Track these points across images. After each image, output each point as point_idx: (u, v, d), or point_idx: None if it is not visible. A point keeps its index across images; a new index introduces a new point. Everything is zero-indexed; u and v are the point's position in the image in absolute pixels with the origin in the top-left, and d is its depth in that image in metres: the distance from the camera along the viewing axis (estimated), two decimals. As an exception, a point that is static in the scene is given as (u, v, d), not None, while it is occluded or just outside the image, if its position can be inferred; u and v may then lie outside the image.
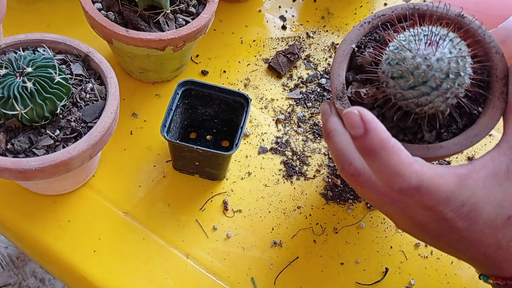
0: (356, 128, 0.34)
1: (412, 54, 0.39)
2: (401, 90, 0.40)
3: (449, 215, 0.36)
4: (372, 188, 0.39)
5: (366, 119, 0.34)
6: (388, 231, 0.56)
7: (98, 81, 0.51)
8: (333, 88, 0.44)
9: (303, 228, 0.55)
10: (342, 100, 0.43)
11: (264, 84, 0.66)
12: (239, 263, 0.52)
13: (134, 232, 0.53)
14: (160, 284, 0.50)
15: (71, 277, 0.52)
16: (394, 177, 0.34)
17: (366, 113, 0.34)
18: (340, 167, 0.40)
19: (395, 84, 0.40)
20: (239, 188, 0.57)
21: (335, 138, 0.41)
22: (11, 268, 1.18)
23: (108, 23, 0.54)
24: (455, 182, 0.36)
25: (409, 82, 0.39)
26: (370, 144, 0.34)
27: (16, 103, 0.44)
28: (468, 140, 0.40)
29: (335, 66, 0.45)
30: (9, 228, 0.54)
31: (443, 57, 0.38)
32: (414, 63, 0.38)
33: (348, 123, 0.34)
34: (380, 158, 0.34)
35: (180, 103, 0.55)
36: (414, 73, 0.38)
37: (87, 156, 0.47)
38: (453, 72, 0.38)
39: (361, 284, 0.52)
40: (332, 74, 0.45)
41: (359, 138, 0.34)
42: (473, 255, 0.39)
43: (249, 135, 0.61)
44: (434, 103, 0.39)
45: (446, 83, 0.38)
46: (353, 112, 0.34)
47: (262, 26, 0.72)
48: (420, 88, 0.39)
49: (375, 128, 0.34)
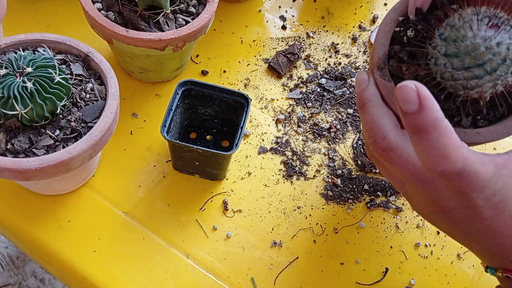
0: (411, 103, 0.32)
1: (473, 33, 0.36)
2: (452, 69, 0.38)
3: (479, 203, 0.36)
4: (402, 166, 0.38)
5: (423, 96, 0.32)
6: (388, 231, 0.56)
7: (98, 81, 0.51)
8: (375, 57, 0.42)
9: (303, 228, 0.55)
10: (383, 71, 0.41)
11: (264, 84, 0.66)
12: (239, 263, 0.52)
13: (134, 232, 0.53)
14: (160, 284, 0.50)
15: (71, 277, 0.52)
16: (440, 159, 0.33)
17: (423, 89, 0.33)
18: (372, 140, 0.39)
19: (446, 62, 0.38)
20: (239, 188, 0.57)
21: (371, 109, 0.39)
22: (11, 268, 1.18)
23: (108, 23, 0.54)
24: (493, 171, 0.35)
25: (465, 62, 0.37)
26: (424, 122, 0.33)
27: (16, 103, 0.44)
28: (505, 130, 0.39)
29: (381, 35, 0.43)
30: (9, 228, 0.54)
31: (503, 42, 0.36)
32: (474, 43, 0.36)
33: (402, 97, 0.33)
34: (429, 137, 0.33)
35: (180, 103, 0.55)
36: (472, 53, 0.36)
37: (87, 156, 0.47)
38: (511, 58, 0.36)
39: (361, 284, 0.52)
40: (376, 42, 0.43)
41: (412, 114, 0.33)
42: (488, 245, 0.39)
43: (249, 135, 0.61)
44: (482, 87, 0.37)
45: (502, 69, 0.36)
46: (410, 86, 0.33)
47: (262, 26, 0.72)
48: (474, 70, 0.37)
49: (431, 106, 0.32)
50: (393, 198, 0.58)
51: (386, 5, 0.76)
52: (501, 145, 0.63)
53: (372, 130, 0.39)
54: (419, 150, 0.34)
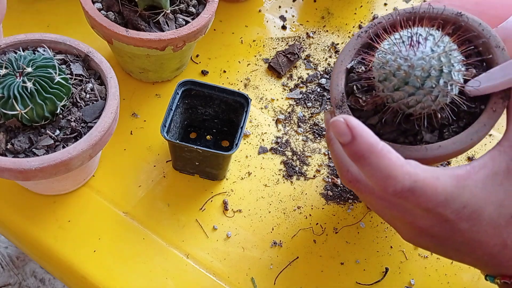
0: (344, 135, 0.34)
1: (393, 56, 0.39)
2: (389, 92, 0.40)
3: (450, 217, 0.36)
4: (370, 193, 0.39)
5: (352, 125, 0.34)
6: (388, 231, 0.56)
7: (98, 81, 0.51)
8: (332, 97, 0.45)
9: (303, 228, 0.55)
10: (342, 108, 0.44)
11: (264, 84, 0.66)
12: (239, 263, 0.52)
13: (134, 232, 0.53)
14: (160, 284, 0.50)
15: (71, 277, 0.52)
16: (386, 180, 0.34)
17: (352, 119, 0.35)
18: (339, 173, 0.41)
19: (383, 87, 0.40)
20: (239, 188, 0.57)
21: (334, 146, 0.42)
22: (11, 268, 1.18)
23: (108, 23, 0.54)
24: (453, 183, 0.35)
25: (393, 83, 0.39)
26: (359, 149, 0.34)
27: (16, 103, 0.44)
28: (468, 138, 0.40)
29: (334, 77, 0.46)
30: (9, 228, 0.54)
31: (424, 56, 0.38)
32: (396, 64, 0.39)
33: (336, 131, 0.35)
34: (370, 162, 0.34)
35: (180, 103, 0.55)
36: (395, 74, 0.39)
37: (87, 156, 0.47)
38: (436, 69, 0.38)
39: (361, 284, 0.52)
40: (331, 84, 0.46)
41: (348, 145, 0.35)
42: (479, 256, 0.39)
43: (249, 135, 0.61)
44: (423, 102, 0.39)
45: (430, 81, 0.38)
46: (339, 120, 0.35)
47: (262, 26, 0.72)
48: (405, 88, 0.39)
49: (361, 134, 0.34)
50: (393, 198, 0.58)
51: (386, 5, 0.76)
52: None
53: (337, 164, 0.41)
54: (367, 176, 0.35)
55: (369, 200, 0.40)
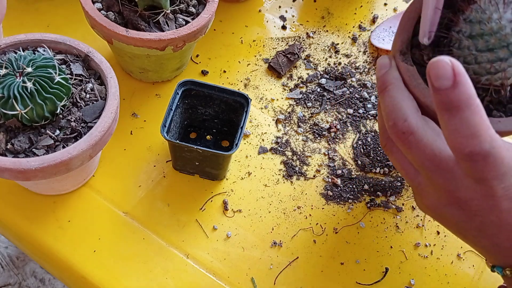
0: (445, 79, 0.31)
1: (498, 14, 0.36)
2: (476, 51, 0.38)
3: (499, 193, 0.35)
4: (421, 151, 0.37)
5: (458, 71, 0.31)
6: (388, 231, 0.56)
7: (98, 81, 0.51)
8: (398, 41, 0.42)
9: (303, 228, 0.55)
10: (406, 56, 0.41)
11: (264, 84, 0.66)
12: (239, 263, 0.52)
13: (134, 232, 0.53)
14: (160, 284, 0.50)
15: (71, 277, 0.52)
16: (470, 138, 0.32)
17: (458, 65, 0.31)
18: (392, 122, 0.38)
19: (470, 44, 0.38)
20: (239, 188, 0.57)
21: (393, 92, 0.39)
22: (11, 268, 1.18)
23: (108, 23, 0.54)
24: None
25: (489, 43, 0.37)
26: (457, 99, 0.31)
27: (16, 103, 0.44)
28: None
29: (405, 20, 0.43)
30: (9, 228, 0.54)
31: None
32: (499, 24, 0.36)
33: (436, 73, 0.32)
34: (462, 115, 0.32)
35: (180, 103, 0.55)
36: (497, 34, 0.36)
37: (87, 156, 0.47)
38: None
39: (361, 284, 0.52)
40: (399, 28, 0.43)
41: (445, 90, 0.32)
42: (500, 240, 0.37)
43: (249, 135, 0.61)
44: (506, 72, 0.37)
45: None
46: (445, 61, 0.31)
47: (262, 26, 0.72)
48: (498, 52, 0.37)
49: (465, 83, 0.31)
50: (393, 198, 0.58)
51: (386, 5, 0.76)
52: None
53: (392, 112, 0.38)
54: (449, 129, 0.33)
55: (414, 157, 0.38)
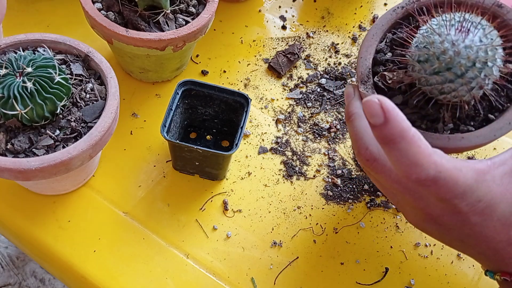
0: (376, 116, 0.34)
1: (441, 38, 0.38)
2: (426, 74, 0.39)
3: (464, 209, 0.36)
4: (386, 175, 0.39)
5: (386, 108, 0.33)
6: (388, 231, 0.56)
7: (98, 81, 0.51)
8: (358, 71, 0.44)
9: (303, 228, 0.55)
10: (366, 84, 0.43)
11: (264, 84, 0.66)
12: (239, 263, 0.52)
13: (134, 232, 0.53)
14: (160, 284, 0.50)
15: (71, 277, 0.52)
16: (412, 167, 0.34)
17: (387, 102, 0.34)
18: (356, 151, 0.40)
19: (420, 68, 0.39)
20: (239, 188, 0.57)
21: (355, 122, 0.41)
22: (11, 268, 1.18)
23: (108, 23, 0.54)
24: (473, 177, 0.35)
25: (434, 67, 0.38)
26: (390, 133, 0.33)
27: (16, 103, 0.44)
28: (491, 133, 0.40)
29: (363, 50, 0.45)
30: (9, 228, 0.54)
31: (472, 45, 0.37)
32: (442, 47, 0.37)
33: (368, 111, 0.34)
34: (399, 147, 0.34)
35: (180, 103, 0.55)
36: (440, 57, 0.38)
37: (87, 156, 0.47)
38: (480, 61, 0.37)
39: (361, 284, 0.52)
40: (359, 58, 0.44)
41: (379, 126, 0.34)
42: (482, 250, 0.39)
43: (249, 135, 0.61)
44: (458, 91, 0.38)
45: (472, 72, 0.37)
46: (373, 100, 0.34)
47: (262, 26, 0.72)
48: (445, 74, 0.38)
49: (395, 117, 0.33)
50: (393, 198, 0.58)
51: (386, 5, 0.76)
52: (501, 146, 0.63)
53: (356, 141, 0.40)
54: (392, 160, 0.35)
55: (383, 181, 0.40)
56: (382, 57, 0.45)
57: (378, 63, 0.45)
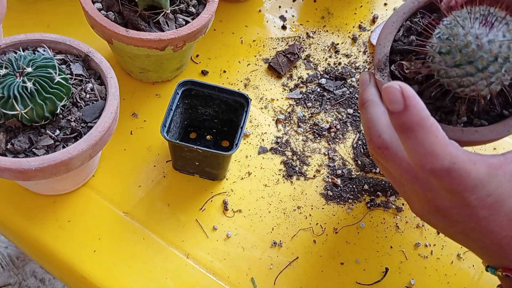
0: (396, 103, 0.33)
1: (464, 31, 0.37)
2: (446, 66, 0.39)
3: (473, 203, 0.36)
4: (397, 164, 0.39)
5: (407, 95, 0.33)
6: (388, 231, 0.56)
7: (98, 81, 0.51)
8: (375, 58, 0.43)
9: (303, 228, 0.55)
10: (383, 72, 0.43)
11: (264, 84, 0.66)
12: (239, 263, 0.52)
13: (134, 232, 0.53)
14: (160, 284, 0.50)
15: (71, 277, 0.52)
16: (428, 156, 0.34)
17: (408, 88, 0.33)
18: (368, 138, 0.40)
19: (441, 59, 0.39)
20: (239, 188, 0.57)
21: (369, 108, 0.40)
22: (11, 268, 1.18)
23: (108, 23, 0.54)
24: (486, 171, 0.35)
25: (455, 59, 0.38)
26: (409, 120, 0.33)
27: (16, 103, 0.44)
28: (505, 128, 0.39)
29: (381, 37, 0.44)
30: (9, 228, 0.54)
31: (495, 40, 0.37)
32: (465, 40, 0.37)
33: (388, 97, 0.34)
34: (416, 136, 0.34)
35: (180, 103, 0.55)
36: (462, 51, 0.37)
37: (87, 156, 0.47)
38: (503, 56, 0.37)
39: (361, 284, 0.52)
40: (377, 44, 0.44)
41: (398, 114, 0.34)
42: (486, 244, 0.39)
43: (249, 135, 0.61)
44: (477, 85, 0.38)
45: (493, 67, 0.37)
46: (394, 87, 0.33)
47: (262, 26, 0.72)
48: (465, 67, 0.38)
49: (415, 105, 0.33)
50: (393, 198, 0.58)
51: (386, 5, 0.76)
52: (501, 146, 0.63)
53: (369, 128, 0.40)
54: (407, 149, 0.35)
55: (393, 171, 0.40)
56: (400, 46, 0.44)
57: (396, 51, 0.44)
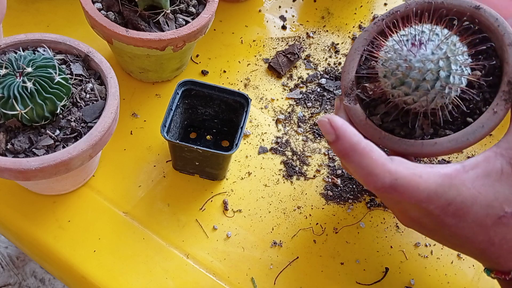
0: (329, 134, 0.37)
1: (395, 55, 0.40)
2: (389, 88, 0.41)
3: (435, 212, 0.37)
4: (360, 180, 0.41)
5: (336, 126, 0.36)
6: (388, 231, 0.56)
7: (98, 81, 0.51)
8: (342, 85, 0.46)
9: (303, 228, 0.55)
10: (350, 96, 0.45)
11: (264, 84, 0.66)
12: (239, 263, 0.52)
13: (134, 232, 0.53)
14: (160, 284, 0.50)
15: (71, 277, 0.52)
16: (367, 177, 0.36)
17: (335, 120, 0.37)
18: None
19: (387, 83, 0.41)
20: (239, 188, 0.57)
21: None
22: (11, 268, 1.18)
23: (108, 23, 0.54)
24: (438, 181, 0.36)
25: (390, 82, 0.40)
26: (342, 148, 0.36)
27: (16, 103, 0.44)
28: (464, 137, 0.40)
29: (346, 64, 0.47)
30: (9, 228, 0.54)
31: (423, 59, 0.38)
32: (394, 64, 0.40)
33: (322, 130, 0.37)
34: (353, 160, 0.36)
35: (180, 103, 0.55)
36: (394, 73, 0.40)
37: (87, 156, 0.47)
38: (433, 72, 0.38)
39: (361, 284, 0.52)
40: (342, 71, 0.47)
41: (333, 143, 0.37)
42: (470, 250, 0.40)
43: (249, 135, 0.61)
44: (420, 102, 0.40)
45: (425, 83, 0.39)
46: (324, 120, 0.37)
47: (262, 26, 0.72)
48: (401, 88, 0.40)
49: (344, 134, 0.36)
50: (393, 198, 0.58)
51: (386, 5, 0.76)
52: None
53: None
54: (351, 172, 0.38)
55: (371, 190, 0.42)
56: (363, 71, 0.47)
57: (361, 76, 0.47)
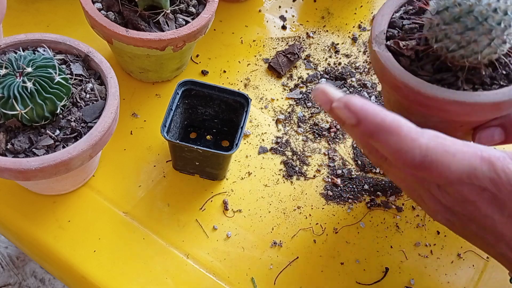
0: (349, 119, 0.34)
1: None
2: (445, 25, 0.39)
3: (470, 196, 0.34)
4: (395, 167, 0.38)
5: (355, 109, 0.33)
6: (388, 231, 0.56)
7: (98, 81, 0.51)
8: (373, 31, 0.44)
9: (303, 228, 0.55)
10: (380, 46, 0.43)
11: (264, 84, 0.66)
12: (239, 263, 0.52)
13: (134, 232, 0.53)
14: (160, 284, 0.50)
15: (71, 277, 0.52)
16: (396, 153, 0.33)
17: (354, 101, 0.33)
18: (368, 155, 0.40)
19: (439, 20, 0.39)
20: (239, 188, 0.57)
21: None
22: (11, 268, 1.18)
23: (108, 23, 0.54)
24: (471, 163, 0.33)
25: (455, 13, 0.38)
26: (366, 130, 0.33)
27: (16, 103, 0.44)
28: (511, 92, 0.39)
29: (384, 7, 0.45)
30: (9, 228, 0.54)
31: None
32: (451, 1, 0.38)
33: (340, 117, 0.34)
34: (379, 139, 0.33)
35: (180, 103, 0.55)
36: (462, 3, 0.38)
37: (87, 156, 0.47)
38: (501, 9, 0.37)
39: (361, 284, 0.52)
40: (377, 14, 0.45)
41: (355, 127, 0.34)
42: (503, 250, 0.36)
43: (249, 135, 0.61)
44: (478, 43, 0.38)
45: (492, 19, 0.37)
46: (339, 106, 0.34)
47: (262, 26, 0.72)
48: (466, 21, 0.38)
49: (366, 115, 0.33)
50: (393, 198, 0.58)
51: (386, 5, 0.76)
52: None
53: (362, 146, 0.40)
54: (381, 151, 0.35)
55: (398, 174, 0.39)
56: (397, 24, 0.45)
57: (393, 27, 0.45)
